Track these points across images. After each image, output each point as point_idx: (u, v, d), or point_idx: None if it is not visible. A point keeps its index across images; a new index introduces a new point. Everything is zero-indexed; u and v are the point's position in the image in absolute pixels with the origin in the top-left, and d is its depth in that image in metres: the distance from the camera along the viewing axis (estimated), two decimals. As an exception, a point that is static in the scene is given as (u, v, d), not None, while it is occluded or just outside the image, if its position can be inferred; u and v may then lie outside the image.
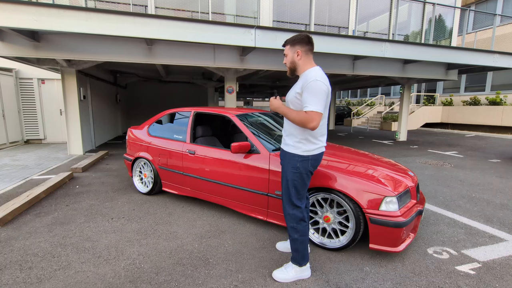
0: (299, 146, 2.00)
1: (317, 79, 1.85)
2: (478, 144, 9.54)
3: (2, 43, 5.38)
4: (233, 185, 3.03)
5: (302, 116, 1.85)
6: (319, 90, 1.84)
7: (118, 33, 4.86)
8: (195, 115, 3.67)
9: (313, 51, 2.05)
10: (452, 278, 2.14)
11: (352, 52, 6.39)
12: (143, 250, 2.51)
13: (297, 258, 2.10)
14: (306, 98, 1.86)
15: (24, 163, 5.99)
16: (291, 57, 2.02)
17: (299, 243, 2.06)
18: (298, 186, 2.02)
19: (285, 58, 2.09)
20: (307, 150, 1.98)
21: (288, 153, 2.05)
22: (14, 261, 2.31)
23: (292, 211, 2.05)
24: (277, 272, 2.14)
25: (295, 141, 2.01)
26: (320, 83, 1.84)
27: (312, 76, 1.87)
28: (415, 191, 2.61)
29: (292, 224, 2.06)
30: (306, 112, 1.84)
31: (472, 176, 5.18)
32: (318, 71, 1.94)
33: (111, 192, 4.11)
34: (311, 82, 1.84)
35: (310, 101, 1.83)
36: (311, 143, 1.99)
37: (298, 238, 2.05)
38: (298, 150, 1.99)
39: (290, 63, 2.04)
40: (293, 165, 2.01)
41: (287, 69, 2.10)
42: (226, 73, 7.54)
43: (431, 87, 17.00)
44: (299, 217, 2.04)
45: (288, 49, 2.05)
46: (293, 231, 2.06)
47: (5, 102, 8.06)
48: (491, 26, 11.53)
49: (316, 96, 1.83)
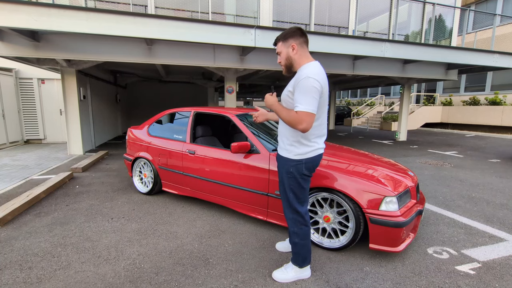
0: (291, 149, 1.88)
1: (309, 76, 1.70)
2: (478, 144, 9.54)
3: (2, 43, 5.38)
4: (233, 185, 3.03)
5: (292, 117, 1.72)
6: (310, 88, 1.69)
7: (118, 33, 4.86)
8: (195, 115, 3.67)
9: (308, 44, 1.90)
10: (452, 278, 2.14)
11: (352, 52, 6.39)
12: (143, 250, 2.51)
13: (297, 260, 2.07)
14: (296, 97, 1.74)
15: (24, 163, 5.99)
16: (286, 52, 1.87)
17: (299, 247, 2.02)
18: (295, 190, 1.93)
19: (279, 57, 1.94)
20: (300, 153, 1.86)
21: (281, 157, 1.96)
22: (14, 261, 2.31)
23: (292, 215, 1.98)
24: (277, 272, 2.13)
25: (287, 143, 1.90)
26: (312, 80, 1.69)
27: (304, 73, 1.73)
28: (415, 191, 2.61)
29: (292, 229, 2.00)
30: (296, 113, 1.71)
31: (472, 176, 5.18)
32: (312, 66, 1.79)
33: (111, 192, 4.11)
34: (302, 79, 1.71)
35: (300, 100, 1.70)
36: (304, 146, 1.86)
37: (298, 242, 2.01)
38: (290, 154, 1.88)
39: (286, 60, 1.89)
40: (287, 170, 1.91)
41: (283, 67, 1.95)
42: (226, 73, 7.54)
43: (431, 87, 17.01)
44: (300, 221, 1.98)
45: (281, 46, 1.90)
46: (294, 235, 2.01)
47: (5, 102, 8.06)
48: (491, 26, 11.52)
49: (307, 94, 1.69)
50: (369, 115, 18.51)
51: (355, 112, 19.66)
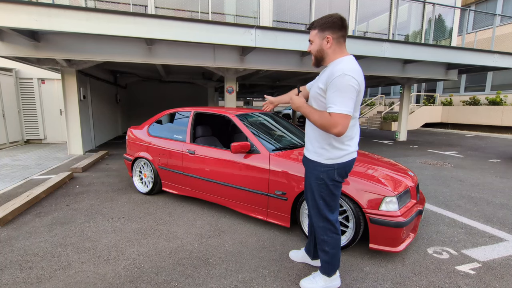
0: (321, 152, 1.71)
1: (346, 73, 1.51)
2: (478, 144, 9.54)
3: (2, 43, 5.38)
4: (233, 185, 3.03)
5: (325, 119, 1.54)
6: (347, 87, 1.50)
7: (118, 33, 4.86)
8: (195, 115, 3.67)
9: (346, 38, 1.70)
10: (452, 278, 2.14)
11: (352, 52, 6.29)
12: (143, 250, 2.51)
13: (327, 269, 1.91)
14: (330, 96, 1.55)
15: (24, 163, 5.99)
16: (319, 44, 1.67)
17: (330, 256, 1.86)
18: (326, 197, 1.76)
19: (310, 45, 1.73)
20: (331, 157, 1.69)
21: (310, 160, 1.79)
22: (14, 261, 2.31)
23: (322, 224, 1.83)
24: (305, 281, 1.98)
25: (317, 146, 1.72)
26: (349, 78, 1.51)
27: (339, 70, 1.53)
28: (415, 191, 2.61)
29: (322, 237, 1.85)
30: (330, 114, 1.53)
31: (472, 176, 5.18)
32: (348, 62, 1.60)
33: (111, 192, 4.11)
34: (337, 77, 1.52)
35: (335, 100, 1.52)
36: (336, 149, 1.69)
37: (330, 251, 1.84)
38: (321, 158, 1.71)
39: (317, 52, 1.69)
40: (317, 176, 1.74)
41: (313, 58, 1.75)
42: (226, 73, 7.54)
43: (431, 87, 17.00)
44: (330, 229, 1.82)
45: (315, 35, 1.68)
46: (324, 243, 1.85)
47: (5, 102, 8.06)
48: (491, 26, 11.52)
49: (343, 94, 1.50)
50: (369, 115, 18.50)
51: (355, 112, 19.62)
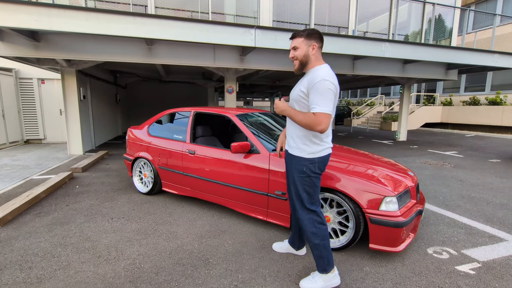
0: (303, 148, 1.90)
1: (325, 78, 1.74)
2: (478, 144, 9.54)
3: (2, 43, 5.38)
4: (233, 185, 3.03)
5: (310, 119, 1.75)
6: (327, 90, 1.73)
7: (118, 33, 4.86)
8: (195, 115, 3.67)
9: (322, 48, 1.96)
10: (452, 278, 2.14)
11: (352, 52, 6.39)
12: (143, 250, 2.51)
13: (322, 265, 1.96)
14: (313, 99, 1.76)
15: (24, 163, 5.99)
16: (305, 50, 1.87)
17: (322, 248, 1.93)
18: (308, 190, 1.92)
19: (294, 52, 1.91)
20: (313, 152, 1.89)
21: (293, 156, 1.95)
22: (14, 261, 2.31)
23: (308, 216, 1.95)
24: (305, 281, 2.01)
25: (299, 142, 1.92)
26: (328, 83, 1.74)
27: (320, 75, 1.76)
28: (415, 191, 2.61)
29: (311, 230, 1.94)
30: (314, 114, 1.74)
31: (472, 176, 5.18)
32: (326, 69, 1.84)
33: (111, 192, 4.11)
34: (318, 82, 1.74)
35: (318, 101, 1.73)
36: (316, 145, 1.89)
37: (319, 243, 1.92)
38: (304, 153, 1.90)
39: (303, 57, 1.89)
40: (300, 169, 1.91)
41: (297, 63, 1.93)
42: (226, 73, 7.54)
43: (431, 87, 17.01)
44: (317, 220, 1.94)
45: (302, 42, 1.88)
46: (313, 236, 1.94)
47: (5, 102, 8.06)
48: (491, 26, 11.52)
49: (324, 96, 1.73)
50: (369, 115, 18.51)
51: (355, 112, 19.66)
